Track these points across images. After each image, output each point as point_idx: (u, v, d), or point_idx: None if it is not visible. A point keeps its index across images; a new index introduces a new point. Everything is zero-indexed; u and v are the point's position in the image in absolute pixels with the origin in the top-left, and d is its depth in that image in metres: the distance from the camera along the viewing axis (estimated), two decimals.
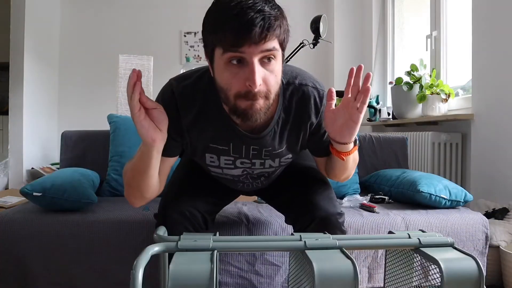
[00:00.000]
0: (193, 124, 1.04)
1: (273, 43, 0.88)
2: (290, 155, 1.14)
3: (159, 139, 0.96)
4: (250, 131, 1.04)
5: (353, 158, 1.11)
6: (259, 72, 0.87)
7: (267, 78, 0.90)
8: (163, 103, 0.99)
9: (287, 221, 1.26)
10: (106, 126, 2.03)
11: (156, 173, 1.03)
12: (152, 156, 0.98)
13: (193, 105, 1.02)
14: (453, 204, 1.67)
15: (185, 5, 4.27)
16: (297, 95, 1.05)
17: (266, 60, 0.89)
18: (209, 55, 0.94)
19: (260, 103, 0.91)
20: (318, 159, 1.21)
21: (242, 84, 0.89)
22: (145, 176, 1.01)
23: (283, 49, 0.93)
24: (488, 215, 1.98)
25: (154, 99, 0.99)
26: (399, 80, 2.86)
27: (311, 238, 0.85)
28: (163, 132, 0.97)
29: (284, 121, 1.06)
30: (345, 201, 1.73)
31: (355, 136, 1.02)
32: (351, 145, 1.04)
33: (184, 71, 2.24)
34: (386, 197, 1.81)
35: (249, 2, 0.85)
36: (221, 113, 1.02)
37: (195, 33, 4.29)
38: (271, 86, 0.92)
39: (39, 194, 1.44)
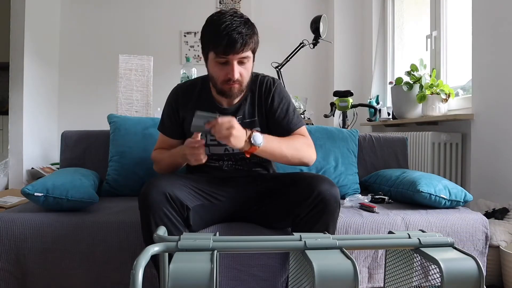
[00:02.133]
0: (188, 112, 1.43)
1: (247, 53, 1.34)
2: (259, 128, 1.44)
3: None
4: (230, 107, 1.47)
5: (276, 151, 1.32)
6: (237, 69, 1.34)
7: (242, 72, 1.36)
8: (170, 97, 1.52)
9: (288, 221, 1.28)
10: (106, 126, 2.03)
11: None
12: (184, 163, 1.44)
13: (190, 94, 1.49)
14: (453, 204, 1.67)
15: (185, 5, 4.27)
16: (260, 81, 1.49)
17: (242, 62, 1.35)
18: (205, 55, 1.40)
19: (237, 87, 1.37)
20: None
21: (226, 75, 1.35)
22: (174, 169, 1.51)
23: (254, 53, 1.38)
24: (488, 215, 1.98)
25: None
26: (399, 80, 2.86)
27: (311, 238, 0.85)
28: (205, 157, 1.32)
29: (251, 98, 1.48)
30: (345, 201, 1.73)
31: (239, 145, 1.22)
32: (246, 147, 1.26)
33: (184, 70, 2.32)
34: (386, 197, 1.81)
35: (234, 25, 1.28)
36: (209, 98, 1.47)
37: (195, 33, 4.29)
38: (244, 77, 1.38)
39: (41, 194, 1.44)
